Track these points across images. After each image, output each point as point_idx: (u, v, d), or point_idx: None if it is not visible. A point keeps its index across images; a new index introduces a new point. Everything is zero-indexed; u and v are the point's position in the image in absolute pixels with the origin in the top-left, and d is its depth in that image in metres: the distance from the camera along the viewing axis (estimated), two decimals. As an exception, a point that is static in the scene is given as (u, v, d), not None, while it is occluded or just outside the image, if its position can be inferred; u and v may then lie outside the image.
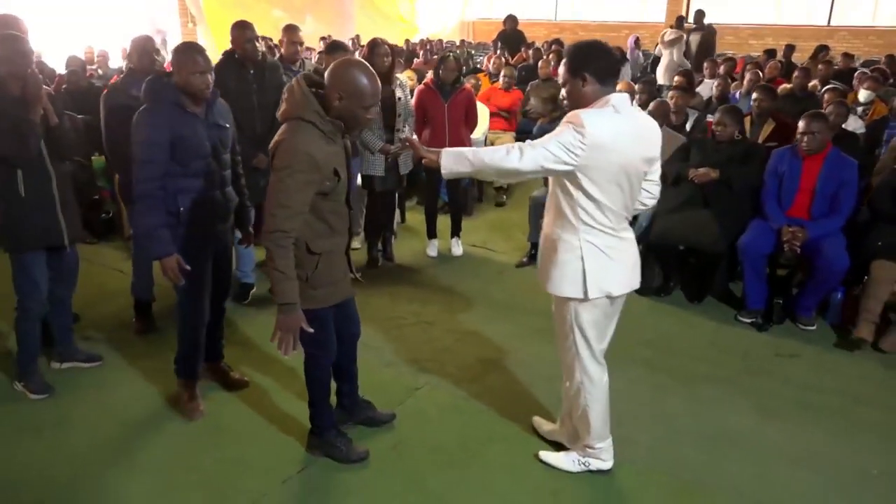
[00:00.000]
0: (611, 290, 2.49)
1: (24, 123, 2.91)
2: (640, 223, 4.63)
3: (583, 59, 2.38)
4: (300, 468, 2.85)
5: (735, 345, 3.96)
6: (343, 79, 2.38)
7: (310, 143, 2.35)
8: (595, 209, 2.39)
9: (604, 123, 2.30)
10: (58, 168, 3.15)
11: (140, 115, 2.86)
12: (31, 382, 3.35)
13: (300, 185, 2.34)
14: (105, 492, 2.73)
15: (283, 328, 2.44)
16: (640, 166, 2.44)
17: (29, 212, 3.08)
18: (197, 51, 2.91)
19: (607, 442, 2.78)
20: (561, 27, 18.22)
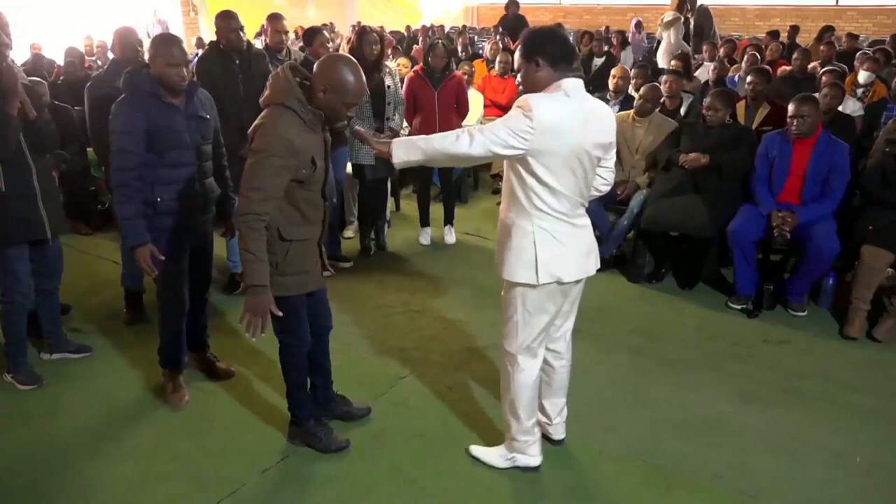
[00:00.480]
0: (561, 276, 2.47)
1: (3, 117, 2.92)
2: (630, 208, 4.62)
3: (536, 44, 2.38)
4: (281, 458, 2.87)
5: (723, 331, 3.94)
6: (330, 72, 2.41)
7: (289, 129, 2.37)
8: (548, 194, 2.38)
9: (553, 108, 2.30)
10: (38, 161, 3.17)
11: (117, 105, 2.87)
12: (19, 374, 3.39)
13: (275, 170, 2.36)
14: (89, 478, 2.76)
15: (251, 310, 2.44)
16: (594, 152, 2.42)
17: (10, 206, 3.10)
18: (172, 42, 2.91)
19: (534, 437, 2.74)
20: (566, 11, 18.09)
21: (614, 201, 4.80)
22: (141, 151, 2.85)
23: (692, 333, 3.93)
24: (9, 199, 3.09)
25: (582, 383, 3.39)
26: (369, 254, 5.12)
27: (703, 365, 3.58)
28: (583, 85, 2.40)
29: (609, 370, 3.54)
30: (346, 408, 3.10)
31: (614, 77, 5.71)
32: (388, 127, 4.79)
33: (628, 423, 3.11)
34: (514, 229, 2.46)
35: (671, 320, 4.09)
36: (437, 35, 11.00)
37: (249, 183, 2.37)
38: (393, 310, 4.22)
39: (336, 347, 3.73)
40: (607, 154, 2.53)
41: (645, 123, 4.80)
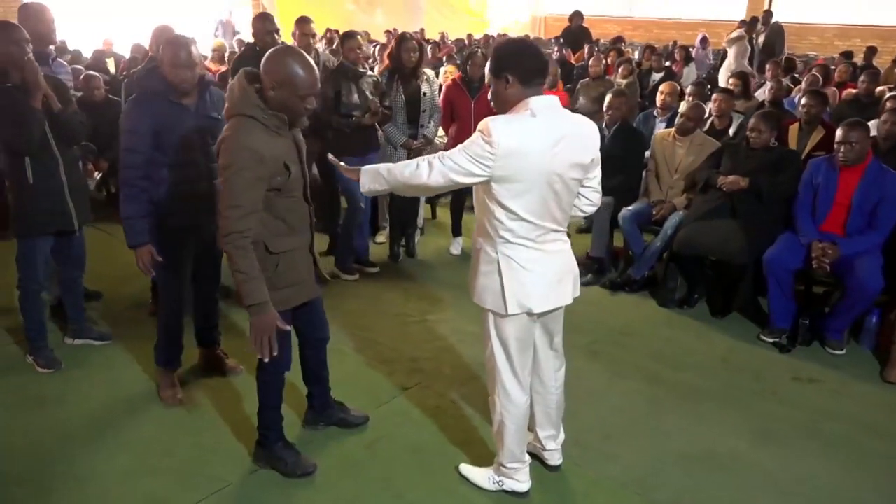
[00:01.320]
0: (531, 307, 2.36)
1: (26, 112, 3.02)
2: (665, 230, 4.46)
3: (505, 60, 2.27)
4: (271, 459, 2.87)
5: (749, 364, 3.74)
6: (274, 68, 2.30)
7: (253, 139, 2.28)
8: (511, 220, 2.27)
9: (515, 130, 2.18)
10: (65, 153, 3.27)
11: (127, 105, 2.94)
12: (39, 357, 3.51)
13: (248, 183, 2.28)
14: (85, 467, 2.82)
15: (257, 331, 2.35)
16: (569, 173, 2.28)
17: (37, 198, 3.21)
18: (180, 45, 2.92)
19: (522, 464, 2.64)
20: (635, 24, 17.78)
21: (649, 221, 4.65)
22: (147, 151, 2.88)
23: (716, 364, 3.74)
24: (36, 190, 3.20)
25: (589, 407, 3.29)
26: (397, 260, 5.10)
27: (722, 398, 3.40)
28: (556, 102, 2.29)
29: (620, 396, 3.41)
30: (344, 415, 3.07)
31: (662, 93, 5.56)
32: (421, 134, 4.77)
33: (631, 452, 2.98)
34: (481, 255, 2.39)
35: (696, 348, 3.91)
36: (478, 44, 10.92)
37: (226, 201, 2.29)
38: (411, 318, 4.18)
39: (347, 352, 3.78)
40: (589, 174, 2.40)
41: (686, 143, 4.63)
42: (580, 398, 3.36)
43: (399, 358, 3.73)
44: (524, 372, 2.53)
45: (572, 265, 2.49)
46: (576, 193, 2.39)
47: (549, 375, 2.68)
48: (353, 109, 4.43)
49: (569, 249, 2.47)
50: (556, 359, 2.68)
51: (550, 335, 2.61)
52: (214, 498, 2.67)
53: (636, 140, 4.88)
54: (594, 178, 2.44)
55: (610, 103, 4.77)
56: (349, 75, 4.48)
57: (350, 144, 4.52)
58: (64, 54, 8.96)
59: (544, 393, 2.71)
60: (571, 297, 2.49)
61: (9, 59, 3.06)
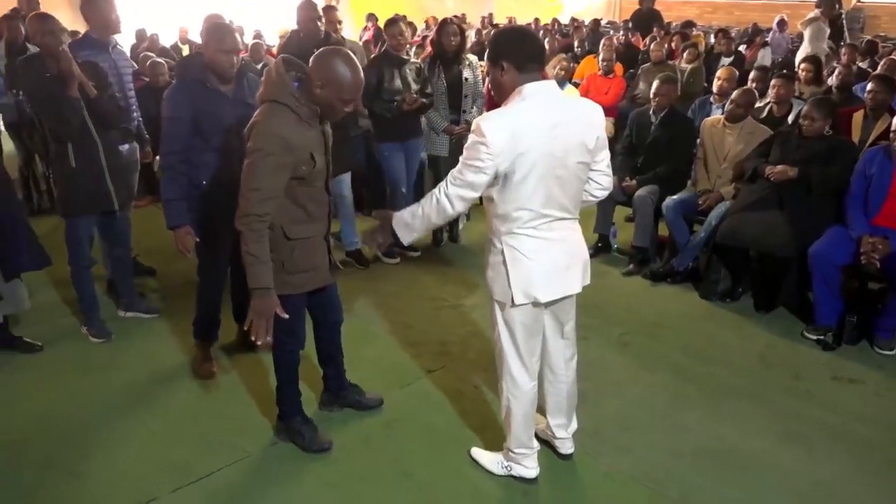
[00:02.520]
0: (537, 296, 2.35)
1: (64, 100, 3.22)
2: (709, 220, 4.33)
3: (499, 46, 2.27)
4: (290, 433, 2.98)
5: (788, 362, 3.61)
6: (327, 68, 2.36)
7: (283, 126, 2.34)
8: (513, 210, 2.27)
9: (504, 124, 2.17)
10: (104, 137, 3.46)
11: (167, 92, 3.07)
12: (91, 327, 3.75)
13: (273, 169, 2.34)
14: (119, 431, 3.01)
15: (256, 313, 2.41)
16: (570, 157, 2.25)
17: (79, 180, 3.42)
18: (226, 30, 3.05)
19: (530, 450, 2.65)
20: (714, 5, 17.12)
21: (695, 211, 4.52)
22: (186, 136, 3.01)
23: (751, 360, 3.62)
24: (78, 173, 3.40)
25: (611, 398, 3.27)
26: (440, 245, 5.15)
27: (751, 396, 3.30)
28: (552, 86, 2.27)
29: (644, 388, 3.36)
30: (359, 397, 3.15)
31: (719, 79, 5.36)
32: (464, 119, 4.78)
33: (647, 446, 2.93)
34: (489, 245, 2.41)
35: (732, 343, 3.80)
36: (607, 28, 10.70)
37: (248, 183, 2.35)
38: (445, 303, 4.23)
39: (378, 333, 3.87)
40: (596, 157, 2.36)
41: (736, 130, 4.46)
42: (603, 389, 3.34)
43: (428, 341, 3.78)
44: (531, 358, 2.54)
45: (581, 252, 2.47)
46: (583, 179, 2.37)
47: (560, 364, 2.68)
48: (394, 95, 4.48)
49: (577, 237, 2.45)
50: (567, 348, 2.67)
51: (561, 323, 2.60)
52: (234, 467, 2.80)
53: (684, 127, 4.73)
54: (602, 161, 2.41)
55: (657, 89, 4.64)
56: (392, 62, 4.53)
57: (392, 130, 4.59)
58: (142, 41, 9.42)
59: (555, 381, 2.71)
60: (580, 285, 2.47)
61: (45, 50, 3.25)
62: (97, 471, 2.77)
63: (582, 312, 4.03)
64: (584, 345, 3.71)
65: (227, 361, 3.54)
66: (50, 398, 3.25)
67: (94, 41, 3.86)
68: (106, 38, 3.87)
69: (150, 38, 9.40)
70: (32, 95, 3.46)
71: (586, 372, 3.46)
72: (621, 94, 6.80)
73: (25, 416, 3.12)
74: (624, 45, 9.47)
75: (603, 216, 4.90)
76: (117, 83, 3.93)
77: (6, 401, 3.23)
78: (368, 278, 4.59)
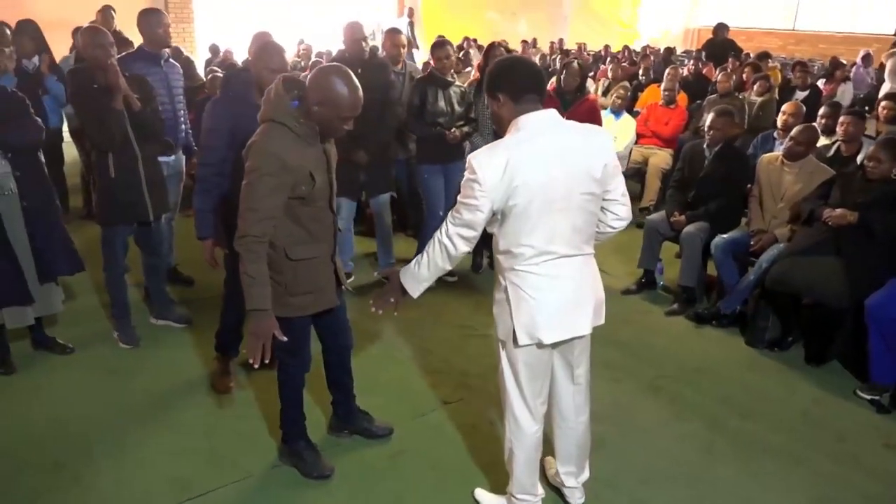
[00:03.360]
0: (541, 337, 2.21)
1: (108, 112, 3.31)
2: (759, 262, 4.07)
3: (494, 78, 2.17)
4: (294, 457, 2.92)
5: (835, 422, 3.32)
6: (321, 86, 2.31)
7: (281, 146, 2.30)
8: (516, 247, 2.15)
9: (495, 160, 2.06)
10: (144, 149, 3.53)
11: (209, 105, 3.11)
12: (122, 333, 3.82)
13: (270, 189, 2.30)
14: (131, 440, 3.03)
15: (252, 335, 2.36)
16: (573, 189, 2.12)
17: (117, 190, 3.49)
18: (274, 50, 3.05)
19: (533, 497, 2.49)
20: (798, 38, 16.50)
21: (747, 252, 4.27)
22: (223, 149, 3.02)
23: (794, 417, 3.36)
24: (116, 183, 3.48)
25: (636, 446, 3.09)
26: (479, 271, 5.05)
27: (789, 456, 3.04)
28: (553, 116, 2.15)
29: (673, 439, 3.15)
30: (367, 425, 3.07)
31: (784, 113, 5.09)
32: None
33: (666, 501, 2.74)
34: (496, 282, 2.32)
35: (775, 396, 3.53)
36: (566, 55, 10.50)
37: (245, 203, 2.32)
38: (473, 332, 4.12)
39: (399, 359, 3.80)
40: (607, 186, 2.21)
41: (795, 169, 4.20)
42: (627, 435, 3.16)
43: (449, 370, 3.68)
44: (536, 401, 2.40)
45: (593, 291, 2.32)
46: (592, 211, 2.23)
47: (570, 409, 2.53)
48: (437, 117, 4.44)
49: (591, 272, 2.31)
50: (577, 393, 2.51)
51: (571, 366, 2.45)
52: (233, 486, 2.76)
53: (739, 163, 4.49)
54: (615, 189, 2.25)
55: (712, 122, 4.43)
56: (437, 83, 4.49)
57: (433, 152, 4.54)
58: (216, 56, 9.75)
59: (564, 427, 2.56)
60: (590, 326, 2.32)
61: (94, 62, 3.35)
62: (101, 478, 2.79)
63: (615, 351, 3.91)
64: (613, 386, 3.58)
65: (245, 378, 3.52)
66: (70, 400, 3.31)
67: (146, 54, 3.97)
68: (157, 52, 3.98)
69: (223, 53, 9.71)
70: (79, 106, 3.56)
71: (611, 415, 3.30)
72: (682, 126, 6.55)
73: (43, 417, 3.17)
74: (693, 74, 9.19)
75: (649, 251, 4.69)
76: (167, 95, 4.04)
77: (28, 401, 3.30)
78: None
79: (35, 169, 3.35)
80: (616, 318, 4.34)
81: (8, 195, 3.22)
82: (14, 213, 3.25)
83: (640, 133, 6.50)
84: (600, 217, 2.29)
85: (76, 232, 4.38)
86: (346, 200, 4.50)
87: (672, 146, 6.42)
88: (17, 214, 3.26)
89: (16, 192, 3.23)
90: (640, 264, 4.76)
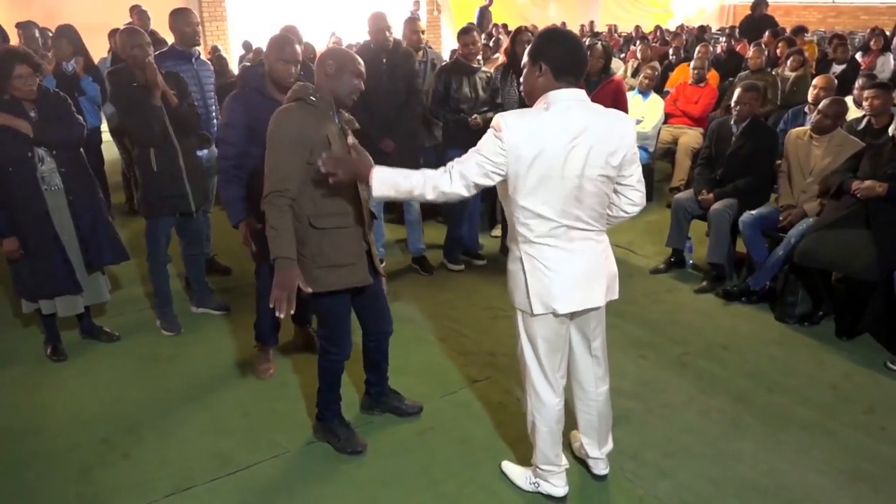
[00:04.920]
0: (555, 307, 2.28)
1: (148, 109, 3.47)
2: (788, 237, 4.05)
3: (543, 46, 2.21)
4: (328, 434, 3.04)
5: (864, 394, 3.31)
6: (325, 60, 2.57)
7: (298, 115, 2.50)
8: (531, 218, 2.21)
9: (524, 124, 2.12)
10: (183, 143, 3.68)
11: (226, 100, 3.22)
12: (164, 321, 4.00)
13: (289, 151, 2.47)
14: (173, 420, 3.19)
15: (277, 284, 2.44)
16: (590, 169, 2.17)
17: (160, 183, 3.65)
18: (287, 41, 3.17)
19: (558, 468, 2.56)
20: (839, 10, 16.05)
21: (776, 227, 4.25)
22: (240, 143, 3.14)
23: (822, 391, 3.35)
24: (159, 177, 3.63)
25: (659, 420, 3.13)
26: (506, 253, 5.09)
27: (817, 428, 3.05)
28: (581, 96, 2.20)
29: (699, 413, 3.18)
30: (398, 404, 3.17)
31: (815, 87, 5.02)
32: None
33: (691, 474, 2.78)
34: (510, 254, 2.38)
35: (804, 371, 3.53)
36: (597, 38, 10.35)
37: (267, 167, 2.50)
38: (502, 313, 4.18)
39: (430, 340, 3.89)
40: (623, 171, 2.26)
41: (823, 142, 4.15)
42: (652, 410, 3.21)
43: (478, 351, 3.76)
44: (555, 374, 2.47)
45: (607, 266, 2.38)
46: (605, 192, 2.28)
47: (590, 382, 2.59)
48: (461, 103, 4.50)
49: (603, 249, 2.36)
50: (597, 365, 2.57)
51: (587, 339, 2.52)
52: (270, 462, 2.89)
53: (768, 138, 4.45)
54: (631, 176, 2.30)
55: (739, 98, 4.40)
56: (462, 70, 4.55)
57: (459, 136, 4.60)
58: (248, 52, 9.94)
59: (585, 399, 2.62)
60: (604, 299, 2.38)
61: (133, 62, 3.50)
62: (147, 455, 2.94)
63: (643, 329, 3.95)
64: (640, 363, 3.62)
65: (283, 360, 3.65)
66: (117, 384, 3.49)
67: (177, 52, 4.13)
68: (188, 50, 4.12)
69: (255, 50, 9.89)
70: (119, 104, 3.73)
71: (637, 391, 3.35)
72: (712, 104, 6.48)
73: (92, 400, 3.35)
74: (726, 52, 9.05)
75: (677, 230, 4.69)
76: (199, 92, 4.19)
77: (77, 385, 3.49)
78: (430, 284, 4.62)
79: (79, 165, 3.51)
80: (645, 296, 4.42)
81: (54, 190, 3.39)
82: (61, 207, 3.42)
83: (669, 112, 6.46)
84: (614, 201, 2.35)
85: (120, 227, 4.59)
86: (376, 188, 4.60)
87: (702, 125, 6.37)
88: (63, 208, 3.43)
89: (62, 187, 3.40)
90: (668, 243, 4.77)
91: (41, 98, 3.32)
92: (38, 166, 3.33)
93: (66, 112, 3.43)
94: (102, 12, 9.10)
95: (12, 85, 3.20)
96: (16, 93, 3.23)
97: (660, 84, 7.36)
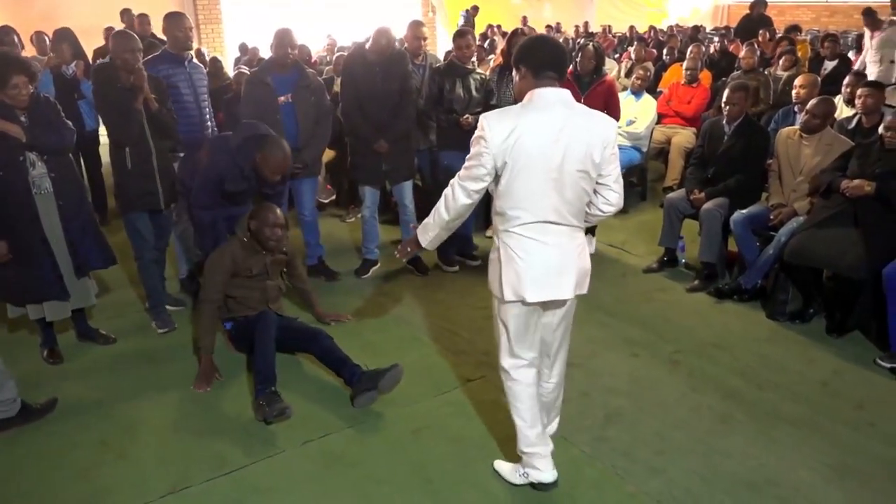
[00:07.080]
0: (524, 296, 2.38)
1: (128, 111, 3.54)
2: (778, 236, 4.09)
3: (521, 51, 2.37)
4: (322, 434, 3.07)
5: (853, 391, 3.35)
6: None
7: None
8: (508, 208, 2.33)
9: (505, 121, 2.25)
10: (158, 144, 3.76)
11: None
12: (157, 319, 4.04)
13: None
14: (168, 420, 3.21)
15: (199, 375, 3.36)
16: (569, 165, 2.28)
17: (134, 180, 3.73)
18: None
19: (540, 449, 2.61)
20: (832, 9, 16.11)
21: (766, 226, 4.28)
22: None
23: (812, 387, 3.39)
24: (132, 174, 3.72)
25: (649, 418, 3.16)
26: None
27: (806, 425, 3.08)
28: (565, 95, 2.31)
29: (689, 410, 3.22)
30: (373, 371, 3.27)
31: (796, 86, 5.03)
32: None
33: (681, 470, 2.81)
34: (492, 242, 2.50)
35: (794, 368, 3.56)
36: (591, 38, 10.40)
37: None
38: (496, 313, 4.21)
39: (424, 340, 3.92)
40: (601, 171, 2.36)
41: (813, 142, 4.19)
42: (643, 408, 3.24)
43: (471, 350, 3.79)
44: (525, 353, 2.57)
45: (580, 262, 2.46)
46: (584, 189, 2.37)
47: (558, 371, 2.74)
48: (454, 104, 4.53)
49: (577, 245, 2.45)
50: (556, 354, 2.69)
51: (556, 329, 2.62)
52: (266, 461, 2.91)
53: (759, 138, 4.49)
54: (609, 176, 2.39)
55: (728, 98, 4.44)
56: (456, 72, 4.59)
57: (453, 138, 4.63)
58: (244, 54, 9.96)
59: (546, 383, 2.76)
60: (573, 292, 2.46)
61: (124, 65, 3.54)
62: (144, 455, 2.97)
63: (635, 328, 3.99)
64: (631, 361, 3.66)
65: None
66: (113, 385, 3.51)
67: (170, 56, 4.16)
68: (180, 54, 4.16)
69: (251, 51, 9.92)
70: (100, 101, 3.76)
71: (628, 389, 3.38)
72: (704, 105, 6.52)
73: (89, 401, 3.37)
74: (720, 52, 9.10)
75: (669, 229, 4.73)
76: (192, 95, 4.22)
77: (75, 387, 3.50)
78: (425, 286, 4.65)
79: (69, 170, 3.53)
80: (637, 295, 4.45)
81: (45, 194, 3.40)
82: (50, 212, 3.43)
83: (662, 113, 6.50)
84: (592, 199, 2.44)
85: (117, 230, 4.61)
86: (370, 189, 4.64)
87: (695, 125, 6.40)
88: (53, 212, 3.44)
89: (51, 192, 3.41)
90: (660, 242, 4.80)
91: (32, 104, 3.34)
92: (30, 170, 3.34)
93: (56, 117, 3.45)
94: (99, 15, 9.12)
95: (7, 94, 3.22)
96: (8, 101, 3.24)
97: (653, 84, 7.40)
